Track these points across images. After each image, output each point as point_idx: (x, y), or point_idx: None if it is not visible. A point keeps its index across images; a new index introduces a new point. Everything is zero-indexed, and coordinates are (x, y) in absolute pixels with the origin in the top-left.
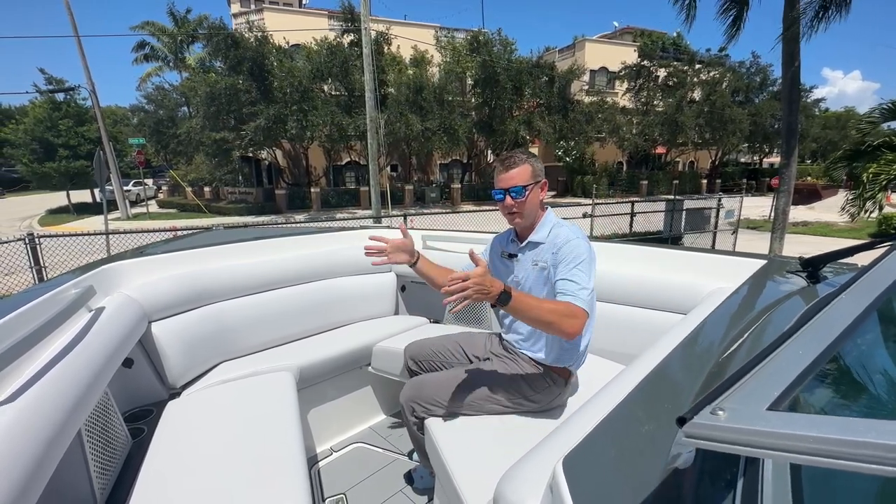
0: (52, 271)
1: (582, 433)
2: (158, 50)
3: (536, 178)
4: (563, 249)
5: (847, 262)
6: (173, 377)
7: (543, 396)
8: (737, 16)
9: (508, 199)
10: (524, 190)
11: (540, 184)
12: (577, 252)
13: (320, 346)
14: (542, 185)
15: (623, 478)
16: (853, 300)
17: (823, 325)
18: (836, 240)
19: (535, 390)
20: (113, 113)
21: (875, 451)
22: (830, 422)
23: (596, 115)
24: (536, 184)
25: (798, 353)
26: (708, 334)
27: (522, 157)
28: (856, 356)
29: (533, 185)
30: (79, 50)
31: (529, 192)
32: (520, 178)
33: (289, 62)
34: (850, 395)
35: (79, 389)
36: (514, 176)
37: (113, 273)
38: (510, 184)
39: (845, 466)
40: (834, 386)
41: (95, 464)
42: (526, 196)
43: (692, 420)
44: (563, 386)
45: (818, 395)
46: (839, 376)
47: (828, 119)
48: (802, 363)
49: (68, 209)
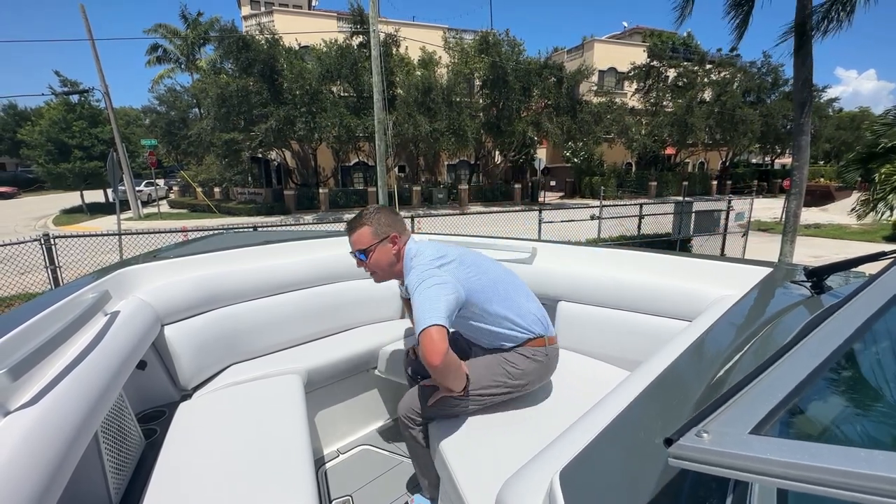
0: (65, 270)
1: (583, 442)
2: (171, 52)
3: (379, 237)
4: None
5: (854, 271)
6: (185, 379)
7: (525, 372)
8: (745, 15)
9: (358, 261)
10: (366, 254)
11: (388, 239)
12: (414, 287)
13: (328, 349)
14: (391, 239)
15: (621, 491)
16: (849, 318)
17: (815, 344)
18: (848, 243)
19: (516, 367)
20: (126, 114)
21: (847, 479)
22: (806, 448)
23: (604, 116)
24: (380, 242)
25: (786, 374)
26: (711, 344)
27: (361, 220)
28: (853, 374)
29: (376, 244)
30: (93, 53)
31: (373, 253)
32: (359, 242)
33: (299, 64)
34: (841, 416)
35: (96, 392)
36: (355, 241)
37: (127, 277)
38: (354, 248)
39: (817, 492)
40: (826, 406)
41: (111, 464)
42: (370, 258)
43: (678, 441)
44: (544, 355)
45: (808, 416)
46: (834, 395)
47: (841, 119)
48: (789, 386)
49: (82, 209)
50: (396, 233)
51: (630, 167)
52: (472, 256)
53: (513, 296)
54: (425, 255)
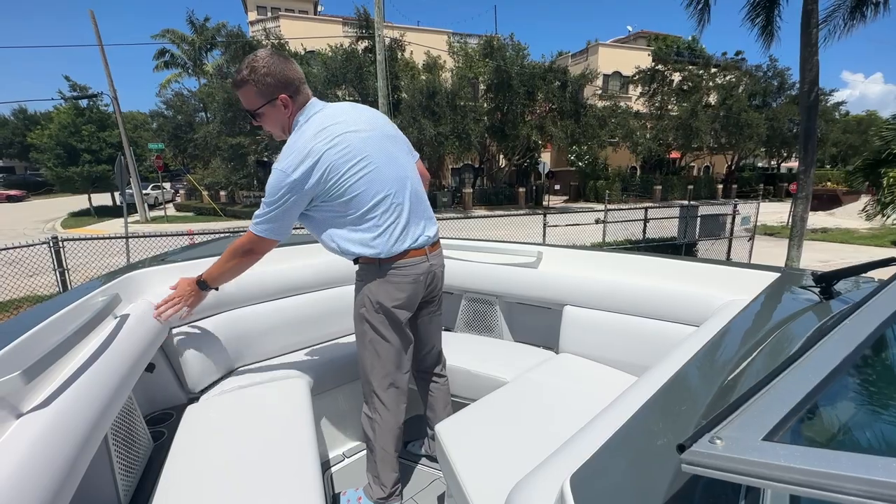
0: (73, 273)
1: (593, 447)
2: (178, 57)
3: (267, 98)
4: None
5: (863, 277)
6: (192, 382)
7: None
8: (766, 20)
9: (254, 120)
10: (255, 117)
11: (278, 101)
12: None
13: (334, 352)
14: (281, 101)
15: (632, 498)
16: (861, 323)
17: (827, 350)
18: (857, 247)
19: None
20: (133, 118)
21: (864, 487)
22: (821, 455)
23: (609, 120)
24: (269, 103)
25: (798, 380)
26: (720, 349)
27: (243, 75)
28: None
29: (265, 105)
30: (102, 59)
31: (263, 116)
32: (245, 101)
33: (305, 69)
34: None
35: (107, 394)
36: (241, 99)
37: (137, 280)
38: (245, 107)
39: (833, 499)
40: (839, 413)
41: (120, 466)
42: (262, 119)
43: (691, 448)
44: (377, 269)
45: (822, 423)
46: (846, 401)
47: (848, 123)
48: (802, 392)
49: (89, 212)
50: (287, 94)
51: (635, 171)
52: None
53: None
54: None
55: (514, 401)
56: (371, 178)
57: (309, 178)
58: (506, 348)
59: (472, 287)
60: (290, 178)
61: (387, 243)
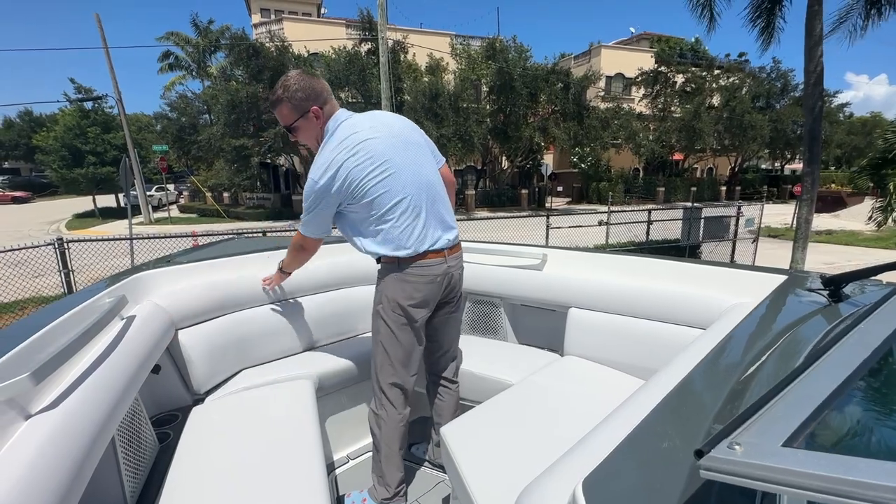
0: (78, 274)
1: (604, 451)
2: (182, 59)
3: (300, 112)
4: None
5: (872, 279)
6: (198, 383)
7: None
8: (766, 22)
9: (291, 135)
10: (291, 131)
11: (310, 113)
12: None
13: (339, 354)
14: (312, 112)
15: (646, 502)
16: (877, 327)
17: (844, 354)
18: (862, 249)
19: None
20: (138, 120)
21: (884, 494)
22: (842, 461)
23: (612, 121)
24: (303, 116)
25: (816, 385)
26: (728, 352)
27: (278, 94)
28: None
29: (298, 118)
30: (107, 62)
31: (299, 130)
32: (281, 119)
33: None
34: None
35: (114, 395)
36: (279, 118)
37: (142, 282)
38: (282, 124)
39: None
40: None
41: (126, 467)
42: (298, 135)
43: (709, 454)
44: (396, 268)
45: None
46: (865, 406)
47: (853, 124)
48: (820, 397)
49: (94, 213)
50: (317, 105)
51: (638, 172)
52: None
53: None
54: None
55: (519, 403)
56: (390, 181)
57: (332, 185)
58: (510, 350)
59: (477, 289)
60: (318, 185)
61: (405, 244)
